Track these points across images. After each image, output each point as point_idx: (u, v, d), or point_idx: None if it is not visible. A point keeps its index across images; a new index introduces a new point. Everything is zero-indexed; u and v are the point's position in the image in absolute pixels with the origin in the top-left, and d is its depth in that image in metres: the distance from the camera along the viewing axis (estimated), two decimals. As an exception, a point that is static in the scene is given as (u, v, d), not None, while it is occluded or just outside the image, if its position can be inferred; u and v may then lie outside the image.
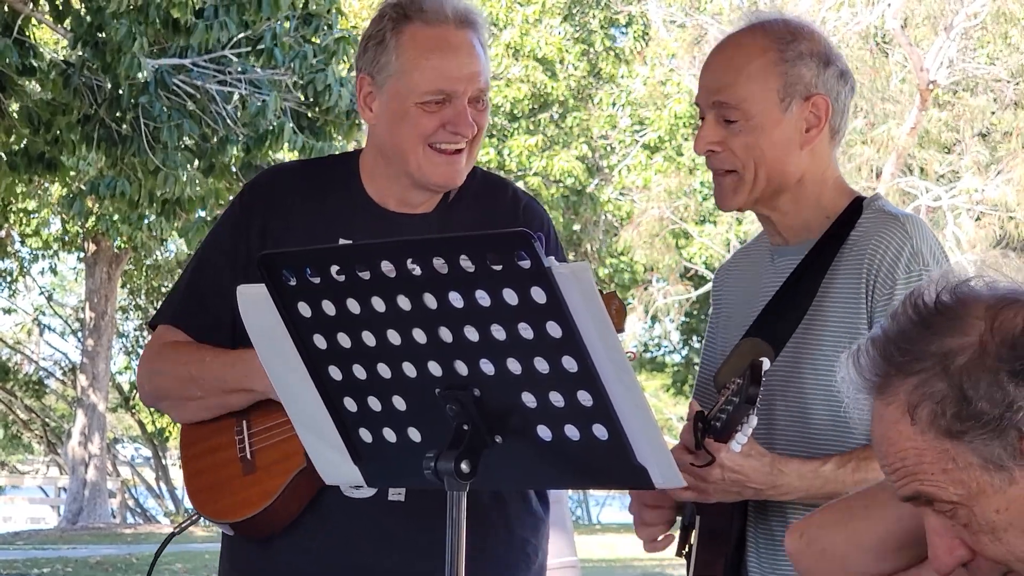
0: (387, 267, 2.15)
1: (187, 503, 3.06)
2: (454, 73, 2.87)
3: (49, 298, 34.74)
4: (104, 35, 11.82)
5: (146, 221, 16.28)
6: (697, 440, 2.53)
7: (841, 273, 2.68)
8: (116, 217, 19.65)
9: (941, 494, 1.76)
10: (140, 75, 11.85)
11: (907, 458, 1.77)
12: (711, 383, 2.94)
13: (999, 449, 1.72)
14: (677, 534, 2.83)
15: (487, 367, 2.14)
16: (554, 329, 2.07)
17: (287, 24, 12.78)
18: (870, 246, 2.66)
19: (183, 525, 3.10)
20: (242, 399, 2.90)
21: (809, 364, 2.68)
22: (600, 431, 2.13)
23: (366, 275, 2.17)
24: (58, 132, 13.07)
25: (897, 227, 2.66)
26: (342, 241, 2.92)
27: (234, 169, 14.67)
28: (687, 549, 2.79)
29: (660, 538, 2.80)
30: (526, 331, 2.09)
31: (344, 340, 2.23)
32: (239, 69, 12.99)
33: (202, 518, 3.02)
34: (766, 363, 2.48)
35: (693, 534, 2.75)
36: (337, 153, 4.21)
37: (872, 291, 2.64)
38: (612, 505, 39.85)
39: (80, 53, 12.32)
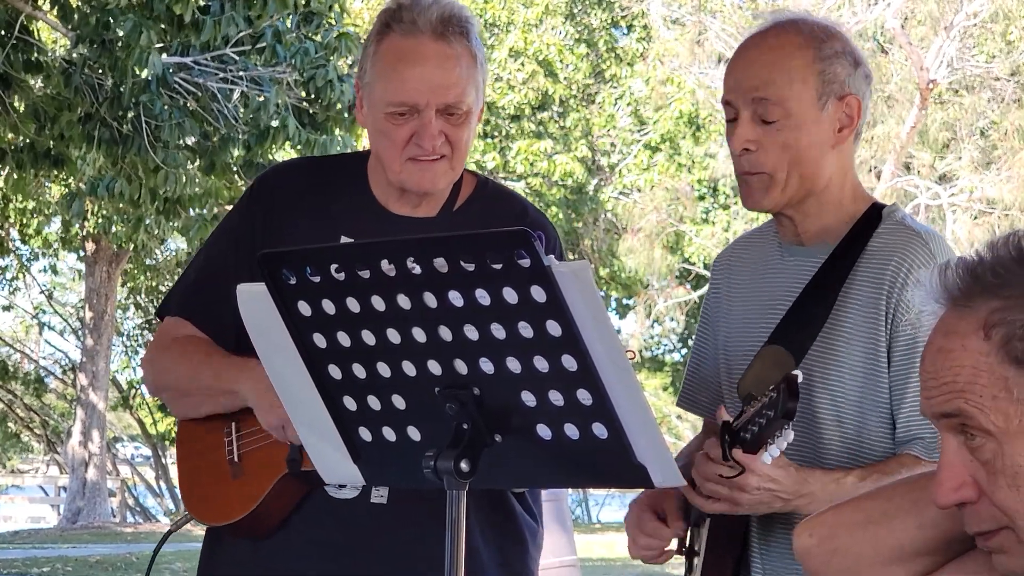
0: (387, 266, 2.15)
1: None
2: (414, 85, 2.84)
3: (49, 297, 34.74)
4: (110, 32, 11.83)
5: (146, 222, 16.29)
6: (724, 451, 2.49)
7: (859, 285, 2.65)
8: (114, 217, 19.66)
9: (980, 418, 1.74)
10: (147, 70, 11.84)
11: (961, 374, 1.76)
12: (705, 376, 2.92)
13: None
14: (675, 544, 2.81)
15: (487, 366, 2.14)
16: (554, 328, 2.06)
17: (288, 21, 12.79)
18: (893, 262, 2.63)
19: (179, 523, 3.10)
20: (228, 401, 2.90)
21: (820, 380, 2.65)
22: (600, 430, 2.12)
23: (366, 274, 2.16)
24: (63, 128, 13.08)
25: (920, 246, 2.63)
26: (344, 240, 2.92)
27: (235, 167, 14.68)
28: (689, 547, 2.78)
29: (659, 554, 2.77)
30: (526, 330, 2.08)
31: (344, 339, 2.23)
32: (240, 66, 12.99)
33: (192, 519, 3.02)
34: (800, 375, 2.42)
35: (702, 533, 2.72)
36: (349, 152, 4.20)
37: (893, 310, 2.60)
38: (612, 504, 39.84)
39: (83, 51, 12.32)
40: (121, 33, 11.62)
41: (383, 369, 2.23)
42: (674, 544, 2.79)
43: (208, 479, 2.95)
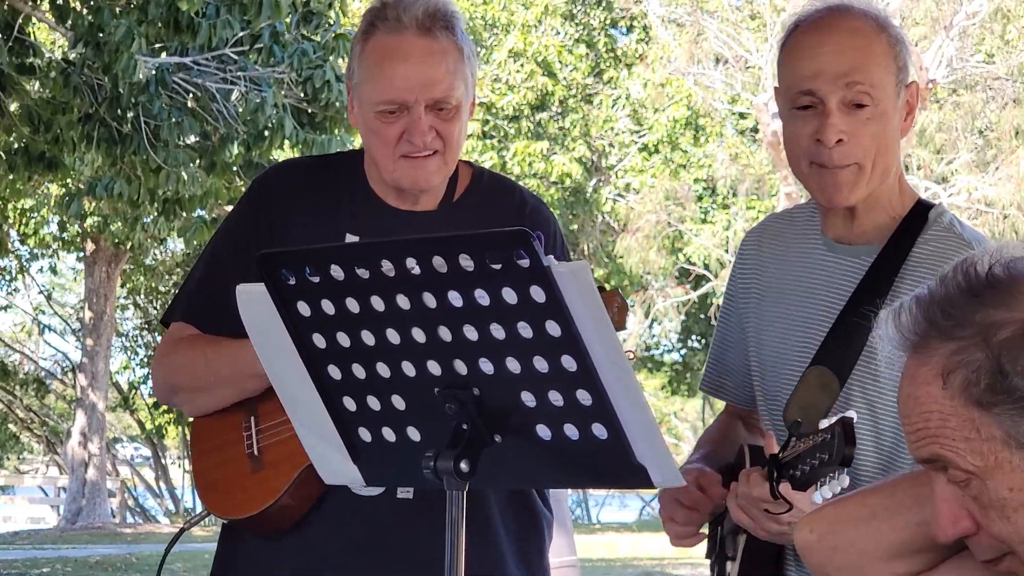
0: (386, 266, 2.14)
1: (187, 502, 3.04)
2: (401, 83, 2.84)
3: (48, 297, 34.76)
4: (104, 34, 11.84)
5: (143, 221, 16.30)
6: (772, 489, 2.40)
7: (904, 296, 2.56)
8: (112, 217, 19.66)
9: (958, 461, 1.75)
10: (136, 75, 11.85)
11: (931, 420, 1.77)
12: (729, 361, 2.85)
13: None
14: (706, 530, 2.79)
15: (486, 366, 2.14)
16: (553, 328, 2.06)
17: (287, 21, 12.79)
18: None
19: (193, 521, 3.08)
20: (254, 384, 2.88)
21: (860, 393, 2.57)
22: (599, 430, 2.12)
23: (365, 274, 2.16)
24: (58, 131, 13.08)
25: None
26: (348, 236, 2.92)
27: (235, 167, 14.69)
28: (716, 553, 2.74)
29: (692, 537, 2.74)
30: (525, 330, 2.08)
31: (343, 339, 2.23)
32: (239, 66, 13.00)
33: (210, 515, 3.01)
34: (855, 417, 2.31)
35: (739, 540, 2.68)
36: (348, 150, 4.20)
37: None
38: (612, 505, 39.89)
39: (81, 51, 12.32)
40: (114, 37, 11.61)
41: (383, 369, 2.23)
42: (705, 528, 2.75)
43: (227, 473, 2.94)
